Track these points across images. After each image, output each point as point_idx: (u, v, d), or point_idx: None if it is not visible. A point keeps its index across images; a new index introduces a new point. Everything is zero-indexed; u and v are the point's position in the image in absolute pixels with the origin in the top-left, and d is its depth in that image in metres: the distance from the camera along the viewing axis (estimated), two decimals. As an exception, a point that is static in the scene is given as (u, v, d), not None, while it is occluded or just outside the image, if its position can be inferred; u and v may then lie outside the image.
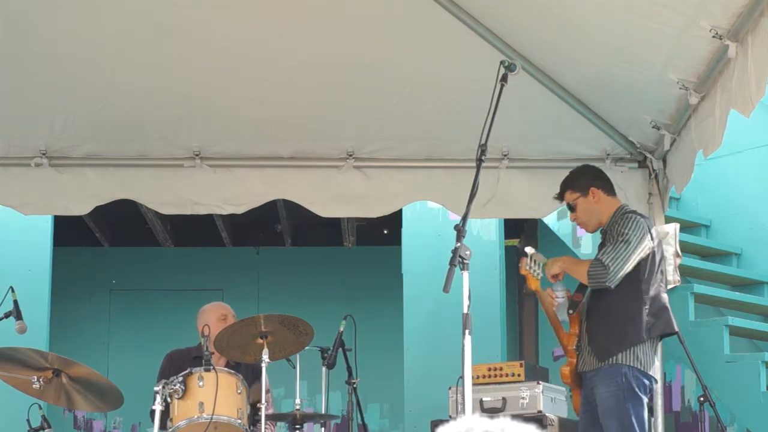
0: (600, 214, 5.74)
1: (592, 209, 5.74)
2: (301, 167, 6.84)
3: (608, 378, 5.50)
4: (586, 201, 5.74)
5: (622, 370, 5.48)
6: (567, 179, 5.83)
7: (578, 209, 5.76)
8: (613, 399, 5.48)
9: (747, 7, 4.70)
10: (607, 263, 5.47)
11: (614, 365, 5.49)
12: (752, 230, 9.21)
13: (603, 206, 5.74)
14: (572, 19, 5.58)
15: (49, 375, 5.90)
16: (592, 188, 5.74)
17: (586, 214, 5.76)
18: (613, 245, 5.52)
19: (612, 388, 5.48)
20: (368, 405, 10.07)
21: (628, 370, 5.48)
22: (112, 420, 11.14)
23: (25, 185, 6.76)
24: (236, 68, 6.27)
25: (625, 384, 5.47)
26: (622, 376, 5.47)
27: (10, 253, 8.83)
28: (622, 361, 5.48)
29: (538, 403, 7.09)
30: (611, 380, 5.49)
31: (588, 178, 5.79)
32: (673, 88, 5.66)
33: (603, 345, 5.54)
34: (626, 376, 5.47)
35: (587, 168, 5.94)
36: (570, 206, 5.79)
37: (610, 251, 5.50)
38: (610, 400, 5.49)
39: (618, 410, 5.46)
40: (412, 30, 6.03)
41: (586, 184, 5.75)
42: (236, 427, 5.87)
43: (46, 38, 6.02)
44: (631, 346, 5.49)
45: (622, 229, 5.55)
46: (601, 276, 5.47)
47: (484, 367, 7.33)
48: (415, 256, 9.01)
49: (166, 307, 11.21)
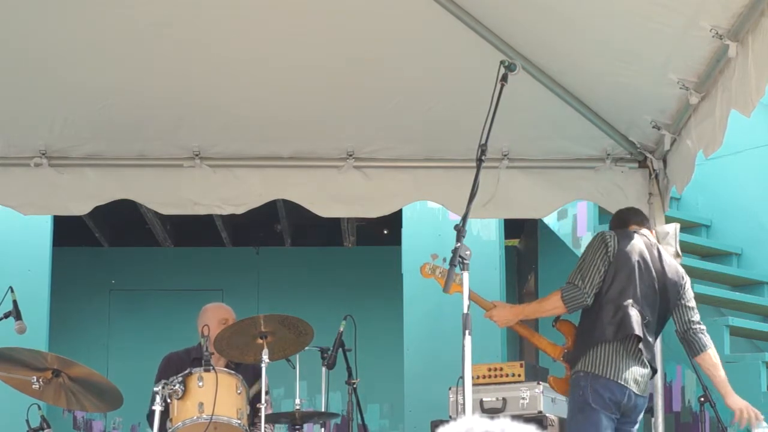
0: None
1: None
2: (301, 167, 6.83)
3: (572, 386, 5.54)
4: None
5: (580, 382, 5.47)
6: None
7: None
8: (574, 407, 5.52)
9: (747, 7, 4.69)
10: (577, 282, 5.53)
11: (575, 374, 5.52)
12: (752, 230, 9.21)
13: None
14: (572, 19, 5.57)
15: (49, 375, 5.90)
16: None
17: None
18: (575, 268, 5.61)
19: (573, 395, 5.52)
20: (368, 405, 10.07)
21: (585, 381, 5.45)
22: (112, 420, 11.14)
23: (24, 185, 6.75)
24: (236, 68, 6.27)
25: (581, 390, 5.46)
26: (579, 389, 5.47)
27: (9, 253, 8.83)
28: (580, 368, 5.49)
29: (538, 403, 7.08)
30: (572, 390, 5.54)
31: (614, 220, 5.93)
32: (674, 88, 5.66)
33: (573, 353, 5.60)
34: (582, 388, 5.45)
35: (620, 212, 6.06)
36: None
37: (575, 272, 5.59)
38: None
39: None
40: (412, 30, 6.02)
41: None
42: (236, 427, 5.87)
43: (46, 39, 6.02)
44: (589, 349, 5.49)
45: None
46: (578, 297, 5.52)
47: (484, 367, 7.33)
48: (415, 256, 8.99)
49: (165, 307, 11.21)
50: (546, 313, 5.62)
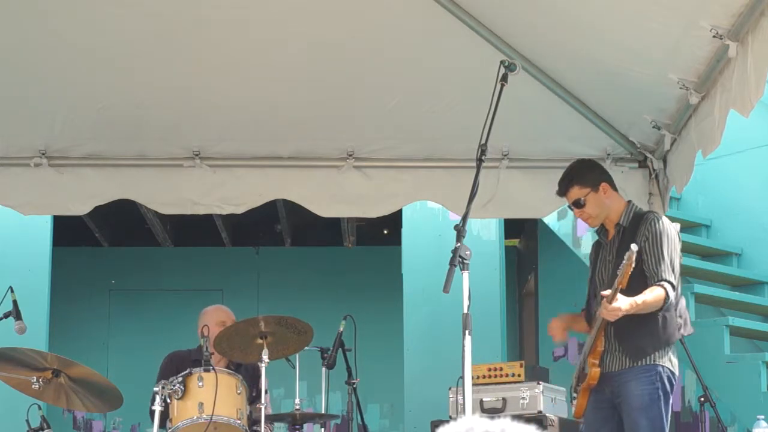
0: (609, 209, 5.70)
1: (603, 204, 5.69)
2: (301, 167, 6.83)
3: (643, 377, 5.50)
4: (597, 196, 5.69)
5: (657, 369, 5.50)
6: (575, 174, 5.75)
7: (589, 204, 5.69)
8: (647, 397, 5.48)
9: (747, 7, 4.69)
10: (674, 283, 5.47)
11: (649, 365, 5.51)
12: (752, 230, 9.21)
13: (613, 201, 5.70)
14: (573, 19, 5.58)
15: (49, 375, 5.90)
16: (603, 183, 5.71)
17: (597, 209, 5.69)
18: (662, 260, 5.48)
19: (647, 386, 5.49)
20: (368, 405, 10.08)
21: (662, 370, 5.50)
22: (112, 420, 11.14)
23: (24, 185, 6.75)
24: (236, 68, 6.27)
25: (660, 384, 5.50)
26: (657, 375, 5.49)
27: (9, 253, 8.82)
28: (657, 361, 5.50)
29: (538, 403, 7.09)
30: (646, 379, 5.50)
31: (598, 172, 5.76)
32: (674, 88, 5.66)
33: (637, 345, 5.52)
34: (660, 376, 5.50)
35: (594, 163, 5.90)
36: (579, 202, 5.71)
37: (667, 269, 5.47)
38: (643, 398, 5.49)
39: (651, 409, 5.47)
40: (412, 30, 6.02)
41: (597, 179, 5.71)
42: (235, 427, 5.87)
43: (46, 38, 6.02)
44: (666, 346, 5.53)
45: (656, 238, 5.50)
46: (669, 296, 5.47)
47: (484, 367, 7.33)
48: (415, 256, 9.01)
49: (165, 307, 11.21)
50: (648, 310, 5.55)
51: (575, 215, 5.84)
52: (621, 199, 5.75)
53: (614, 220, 5.68)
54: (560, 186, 5.75)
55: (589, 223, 5.80)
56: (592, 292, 5.76)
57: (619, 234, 5.65)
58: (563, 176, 5.77)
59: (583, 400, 5.69)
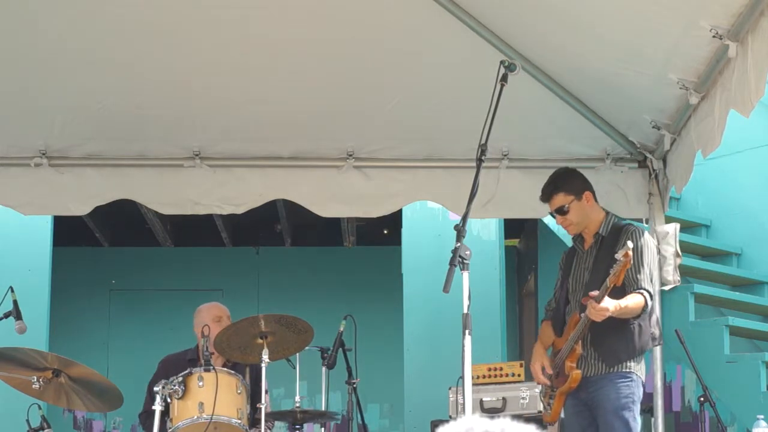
0: (589, 218, 5.79)
1: (585, 213, 5.78)
2: (301, 167, 6.84)
3: (619, 383, 5.61)
4: (580, 204, 5.77)
5: (632, 376, 5.62)
6: (560, 182, 5.82)
7: (572, 212, 5.77)
8: (622, 401, 5.60)
9: (747, 7, 4.69)
10: (651, 291, 5.60)
11: (624, 371, 5.62)
12: (752, 230, 9.21)
13: (593, 211, 5.81)
14: (572, 20, 5.58)
15: (49, 375, 5.90)
16: (586, 192, 5.78)
17: (579, 217, 5.79)
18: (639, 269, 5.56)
19: (623, 390, 5.60)
20: (368, 405, 10.07)
21: (636, 378, 5.63)
22: (112, 420, 11.14)
23: (25, 185, 6.75)
24: (236, 68, 6.27)
25: (636, 389, 5.62)
26: (632, 382, 5.62)
27: (10, 253, 8.82)
28: (632, 369, 5.62)
29: (538, 403, 7.08)
30: (622, 384, 5.61)
31: (582, 181, 5.84)
32: (674, 88, 5.66)
33: (612, 352, 5.61)
34: (636, 383, 5.63)
35: (577, 171, 5.96)
36: (562, 209, 5.77)
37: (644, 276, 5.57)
38: (618, 402, 5.60)
39: (625, 412, 5.58)
40: (412, 30, 6.03)
41: (581, 187, 5.79)
42: (236, 427, 5.88)
43: (46, 38, 6.02)
44: (639, 354, 5.65)
45: (638, 249, 5.55)
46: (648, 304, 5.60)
47: (484, 367, 7.34)
48: (415, 256, 9.00)
49: (165, 307, 11.20)
50: (628, 315, 5.59)
51: (557, 222, 5.94)
52: (601, 210, 5.87)
53: (593, 229, 5.79)
54: (544, 192, 5.82)
55: (570, 230, 5.88)
56: (563, 298, 5.83)
57: (597, 243, 5.76)
58: (548, 183, 5.84)
59: (558, 406, 5.75)
